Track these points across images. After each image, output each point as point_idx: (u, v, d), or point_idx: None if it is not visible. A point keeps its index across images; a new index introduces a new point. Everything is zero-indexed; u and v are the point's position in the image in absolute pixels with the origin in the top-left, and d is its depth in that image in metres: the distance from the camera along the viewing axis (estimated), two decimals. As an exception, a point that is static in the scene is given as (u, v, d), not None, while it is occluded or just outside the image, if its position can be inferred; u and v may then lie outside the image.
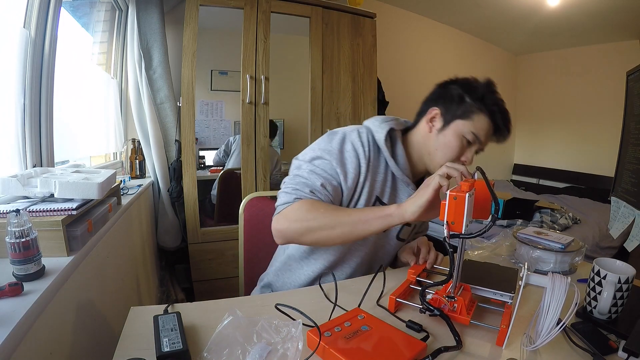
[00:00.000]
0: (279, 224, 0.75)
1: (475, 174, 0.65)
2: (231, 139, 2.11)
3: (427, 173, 0.89)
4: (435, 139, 0.83)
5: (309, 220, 0.72)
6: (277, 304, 0.64)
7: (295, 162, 0.85)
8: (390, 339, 0.56)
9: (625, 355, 0.54)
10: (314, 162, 0.81)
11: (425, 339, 0.59)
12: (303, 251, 0.89)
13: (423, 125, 0.86)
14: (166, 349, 0.53)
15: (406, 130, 0.92)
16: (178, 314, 0.62)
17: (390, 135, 0.86)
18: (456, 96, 0.82)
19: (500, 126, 0.81)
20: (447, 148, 0.82)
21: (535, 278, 0.59)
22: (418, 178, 0.91)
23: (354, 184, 0.82)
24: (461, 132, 0.80)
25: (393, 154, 0.85)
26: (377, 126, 0.86)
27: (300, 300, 0.71)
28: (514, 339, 0.60)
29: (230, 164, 2.08)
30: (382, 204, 0.85)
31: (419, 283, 0.77)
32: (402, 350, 0.53)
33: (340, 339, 0.55)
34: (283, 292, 0.78)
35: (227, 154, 2.11)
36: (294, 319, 0.61)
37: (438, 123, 0.83)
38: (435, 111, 0.84)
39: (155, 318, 0.60)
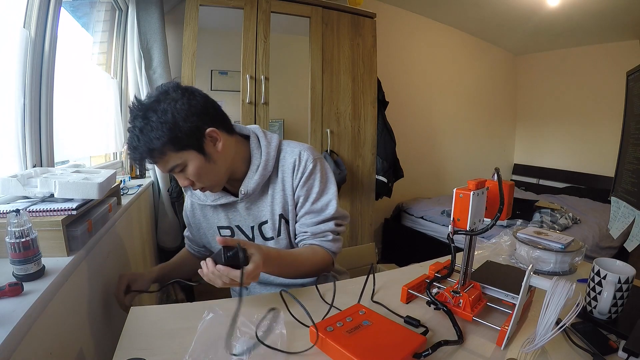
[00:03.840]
0: None
1: (494, 175, 0.66)
2: None
3: (233, 175, 0.89)
4: None
5: None
6: (282, 289, 0.66)
7: None
8: (391, 333, 0.57)
9: (625, 355, 0.54)
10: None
11: (424, 333, 0.60)
12: None
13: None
14: (230, 252, 0.62)
15: None
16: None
17: None
18: None
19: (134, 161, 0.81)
20: None
21: (538, 280, 0.58)
22: (234, 180, 0.90)
23: (195, 229, 1.03)
24: None
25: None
26: None
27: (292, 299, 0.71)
28: (518, 339, 0.60)
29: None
30: (224, 228, 0.95)
31: (437, 280, 0.77)
32: (403, 343, 0.54)
33: (342, 334, 0.56)
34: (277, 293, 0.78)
35: None
36: (295, 317, 0.61)
37: None
38: None
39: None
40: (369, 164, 2.24)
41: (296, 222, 0.91)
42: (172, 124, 0.73)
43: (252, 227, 0.92)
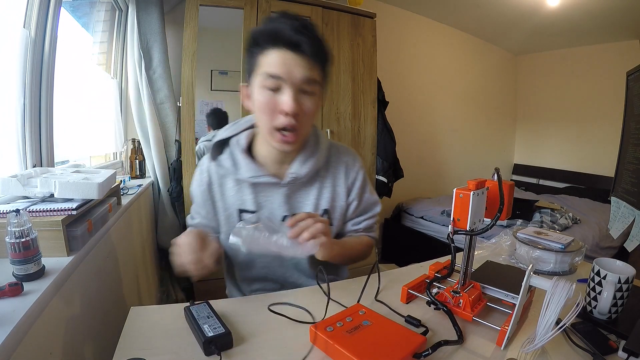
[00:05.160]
0: None
1: (494, 175, 0.66)
2: (199, 152, 1.97)
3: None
4: (254, 110, 0.77)
5: None
6: (270, 305, 0.64)
7: None
8: (391, 333, 0.57)
9: (625, 355, 0.54)
10: (192, 206, 0.92)
11: (424, 333, 0.60)
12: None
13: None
14: (210, 334, 0.55)
15: None
16: (208, 303, 0.64)
17: (231, 143, 0.85)
18: (246, 58, 0.75)
19: (288, 37, 0.68)
20: (259, 111, 0.74)
21: (538, 281, 0.58)
22: (279, 164, 0.84)
23: (210, 208, 0.87)
24: (260, 85, 0.71)
25: (235, 163, 0.83)
26: (210, 146, 0.86)
27: (297, 299, 0.71)
28: (518, 339, 0.60)
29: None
30: (251, 212, 0.85)
31: (437, 279, 0.77)
32: (403, 343, 0.54)
33: (342, 334, 0.56)
34: (279, 292, 0.78)
35: None
36: (290, 318, 0.61)
37: (249, 95, 0.77)
38: (243, 87, 0.78)
39: (187, 309, 0.62)
40: (369, 164, 2.24)
41: (348, 221, 0.93)
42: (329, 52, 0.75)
43: (285, 217, 0.84)
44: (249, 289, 0.94)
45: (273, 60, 0.69)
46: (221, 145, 0.85)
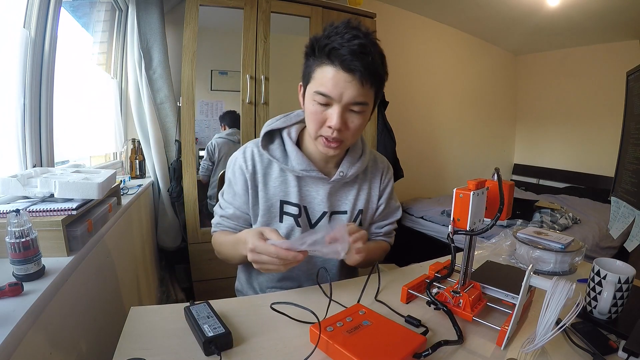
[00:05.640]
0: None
1: (494, 175, 0.66)
2: (210, 146, 2.02)
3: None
4: (304, 113, 0.80)
5: (220, 253, 0.88)
6: (272, 304, 0.64)
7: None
8: (391, 333, 0.57)
9: (625, 355, 0.54)
10: (224, 196, 0.90)
11: (424, 333, 0.60)
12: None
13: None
14: (210, 334, 0.55)
15: None
16: (208, 303, 0.64)
17: (281, 136, 0.86)
18: (305, 62, 0.77)
19: (344, 60, 0.68)
20: (308, 118, 0.77)
21: (538, 281, 0.58)
22: (324, 162, 0.87)
23: (248, 198, 0.86)
24: (311, 97, 0.74)
25: (285, 154, 0.84)
26: (261, 134, 0.86)
27: (298, 299, 0.71)
28: (518, 339, 0.60)
29: (220, 171, 2.01)
30: (293, 205, 0.85)
31: (437, 279, 0.77)
32: (403, 343, 0.54)
33: (342, 334, 0.56)
34: (281, 292, 0.78)
35: (213, 163, 2.03)
36: (292, 318, 0.62)
37: (303, 96, 0.80)
38: (300, 86, 0.81)
39: (187, 309, 0.62)
40: (369, 164, 2.24)
41: (372, 223, 0.97)
42: (386, 71, 0.75)
43: (324, 213, 0.87)
44: (265, 287, 0.94)
45: (326, 78, 0.70)
46: (271, 135, 0.87)
